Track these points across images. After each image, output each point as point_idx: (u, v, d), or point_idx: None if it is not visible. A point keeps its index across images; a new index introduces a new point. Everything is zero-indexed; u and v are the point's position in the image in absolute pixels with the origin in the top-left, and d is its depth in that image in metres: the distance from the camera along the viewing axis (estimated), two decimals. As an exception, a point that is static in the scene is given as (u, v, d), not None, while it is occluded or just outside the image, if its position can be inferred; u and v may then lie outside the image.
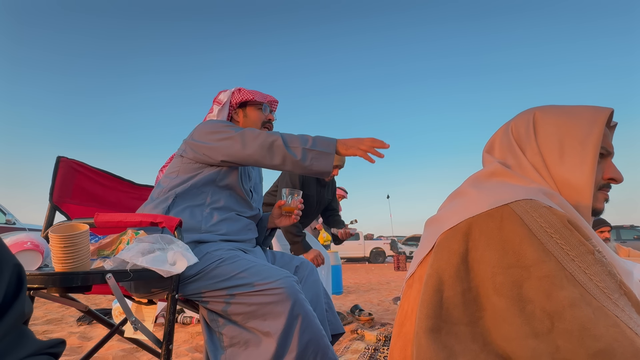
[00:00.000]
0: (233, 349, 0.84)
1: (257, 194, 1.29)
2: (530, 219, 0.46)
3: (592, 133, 0.54)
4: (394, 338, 0.58)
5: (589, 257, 0.43)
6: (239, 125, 1.25)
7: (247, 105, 1.25)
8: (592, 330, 0.38)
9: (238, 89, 1.24)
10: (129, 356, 1.62)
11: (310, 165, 1.01)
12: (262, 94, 1.27)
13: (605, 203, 0.61)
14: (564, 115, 0.58)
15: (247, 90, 1.24)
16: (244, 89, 1.24)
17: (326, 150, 1.02)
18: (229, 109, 1.24)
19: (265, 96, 1.27)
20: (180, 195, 1.05)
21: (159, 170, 1.33)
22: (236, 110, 1.26)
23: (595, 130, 0.54)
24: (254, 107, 1.25)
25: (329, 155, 1.02)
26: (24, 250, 0.82)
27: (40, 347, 0.36)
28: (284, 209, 1.22)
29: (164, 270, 0.78)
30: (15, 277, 0.34)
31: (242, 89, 1.24)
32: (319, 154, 1.01)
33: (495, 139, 0.66)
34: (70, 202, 1.21)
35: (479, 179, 0.61)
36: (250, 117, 1.24)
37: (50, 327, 2.24)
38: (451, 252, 0.49)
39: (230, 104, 1.24)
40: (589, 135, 0.54)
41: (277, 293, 0.84)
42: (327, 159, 1.01)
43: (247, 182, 1.20)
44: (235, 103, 1.24)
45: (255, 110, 1.25)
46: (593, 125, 0.55)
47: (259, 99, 1.24)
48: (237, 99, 1.23)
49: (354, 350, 1.79)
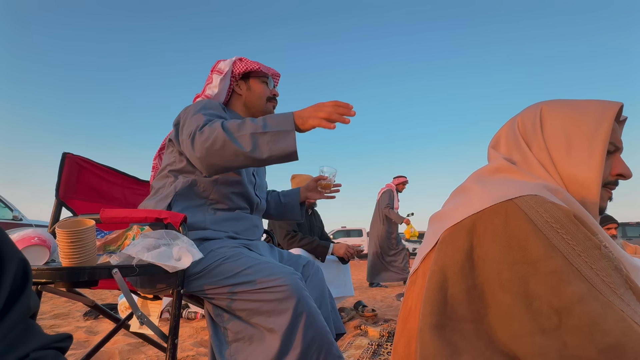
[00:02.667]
0: (238, 344, 0.85)
1: (260, 177, 1.20)
2: (535, 214, 0.45)
3: (601, 128, 0.53)
4: (398, 334, 0.59)
5: (595, 252, 0.43)
6: (241, 99, 1.15)
7: (250, 76, 1.15)
8: (602, 326, 0.37)
9: (239, 58, 1.14)
10: (135, 350, 1.64)
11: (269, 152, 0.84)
12: (266, 66, 1.17)
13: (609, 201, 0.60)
14: (571, 109, 0.57)
15: (250, 60, 1.14)
16: (246, 59, 1.14)
17: (283, 129, 0.84)
18: (230, 80, 1.14)
19: (269, 69, 1.18)
20: (181, 192, 1.00)
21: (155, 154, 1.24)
22: (238, 82, 1.15)
23: (604, 125, 0.53)
24: (258, 80, 1.15)
25: (288, 133, 0.84)
26: (31, 245, 0.83)
27: (47, 341, 0.37)
28: (320, 184, 1.22)
29: (170, 266, 0.79)
30: (20, 272, 0.34)
31: (243, 58, 1.14)
32: (275, 135, 0.84)
33: (501, 134, 0.65)
34: (76, 198, 1.22)
35: (483, 174, 0.60)
36: (254, 90, 1.14)
37: (58, 321, 2.28)
38: (455, 249, 0.49)
39: (232, 74, 1.13)
40: (598, 130, 0.53)
41: (282, 290, 0.84)
42: (286, 138, 0.84)
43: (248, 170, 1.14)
44: (237, 73, 1.13)
45: (260, 83, 1.15)
46: (602, 120, 0.53)
47: (263, 70, 1.15)
48: (239, 69, 1.12)
49: (357, 345, 1.80)
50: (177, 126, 1.02)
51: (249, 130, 0.85)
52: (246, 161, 0.87)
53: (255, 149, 0.85)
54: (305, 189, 1.27)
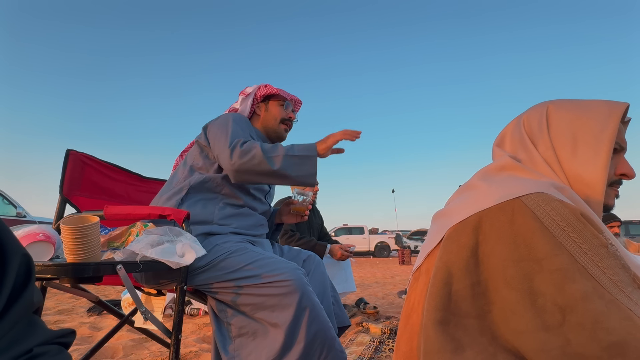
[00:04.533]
0: (241, 339, 0.85)
1: (272, 189, 1.30)
2: (542, 212, 0.45)
3: (607, 128, 0.53)
4: (401, 330, 0.59)
5: (602, 251, 0.43)
6: (259, 119, 1.26)
7: (270, 99, 1.25)
8: (605, 324, 0.37)
9: (265, 85, 1.25)
10: (139, 346, 1.65)
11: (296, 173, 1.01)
12: (287, 92, 1.28)
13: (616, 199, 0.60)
14: (578, 109, 0.57)
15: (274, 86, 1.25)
16: (271, 85, 1.25)
17: (308, 154, 1.02)
18: (252, 101, 1.25)
19: (289, 95, 1.28)
20: (195, 187, 1.06)
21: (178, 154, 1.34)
22: (259, 104, 1.26)
23: (610, 124, 0.53)
24: (276, 102, 1.25)
25: (312, 157, 1.02)
26: (36, 241, 0.84)
27: (50, 336, 0.37)
28: (293, 208, 1.26)
29: (173, 262, 0.79)
30: (24, 267, 0.34)
31: (268, 85, 1.25)
32: (302, 159, 1.01)
33: (507, 133, 0.65)
34: (79, 195, 1.22)
35: (488, 172, 0.60)
36: (271, 111, 1.25)
37: (62, 317, 2.29)
38: (460, 246, 0.49)
39: (255, 96, 1.25)
40: (604, 130, 0.53)
41: (285, 285, 0.85)
42: (310, 162, 1.01)
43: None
44: (259, 96, 1.25)
45: (277, 106, 1.25)
46: (608, 120, 0.53)
47: (283, 94, 1.25)
48: (262, 92, 1.24)
49: (359, 342, 1.81)
50: (206, 130, 1.13)
51: (281, 152, 1.01)
52: (274, 179, 1.02)
53: (285, 169, 1.00)
54: (280, 214, 1.32)
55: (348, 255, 2.31)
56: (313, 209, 2.59)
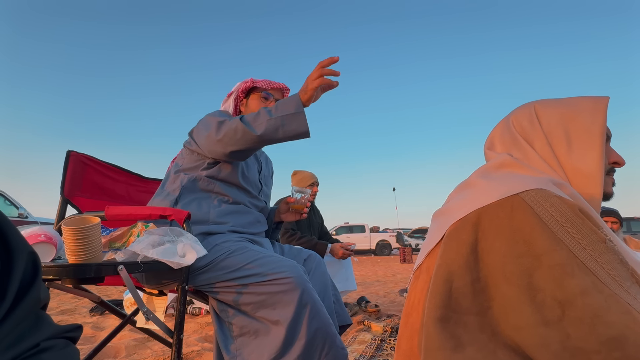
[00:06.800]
0: (243, 338, 0.86)
1: (267, 187, 1.28)
2: (541, 208, 0.45)
3: (597, 120, 0.56)
4: (401, 328, 0.59)
5: (600, 246, 0.43)
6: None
7: (251, 92, 1.21)
8: (604, 318, 0.38)
9: (247, 80, 1.21)
10: (141, 346, 1.66)
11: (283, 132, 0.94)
12: (270, 81, 1.22)
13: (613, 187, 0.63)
14: (564, 106, 0.59)
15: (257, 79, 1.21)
16: (254, 78, 1.21)
17: (293, 111, 0.94)
18: (235, 99, 1.22)
19: (271, 83, 1.22)
20: (187, 187, 1.06)
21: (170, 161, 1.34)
22: (242, 100, 1.23)
23: (599, 117, 0.56)
24: (257, 95, 1.20)
25: (299, 114, 0.94)
26: (38, 242, 0.84)
27: (57, 331, 0.37)
28: (292, 206, 1.25)
29: (174, 262, 0.80)
30: (31, 264, 0.35)
31: (251, 78, 1.21)
32: (287, 119, 0.94)
33: (495, 135, 0.66)
34: (80, 196, 1.23)
35: (487, 170, 0.61)
36: (250, 106, 1.21)
37: (64, 317, 2.31)
38: (460, 243, 0.49)
39: (238, 93, 1.21)
40: (594, 123, 0.56)
41: (286, 282, 0.85)
42: (298, 120, 0.94)
43: (254, 174, 1.20)
44: (241, 91, 1.21)
45: (257, 99, 1.20)
46: (596, 113, 0.56)
47: (262, 85, 1.20)
48: (243, 87, 1.20)
49: (360, 341, 1.81)
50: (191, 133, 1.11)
51: (264, 118, 0.95)
52: (262, 143, 0.97)
53: (271, 133, 0.95)
54: (279, 212, 1.31)
55: (349, 254, 2.31)
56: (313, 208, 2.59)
